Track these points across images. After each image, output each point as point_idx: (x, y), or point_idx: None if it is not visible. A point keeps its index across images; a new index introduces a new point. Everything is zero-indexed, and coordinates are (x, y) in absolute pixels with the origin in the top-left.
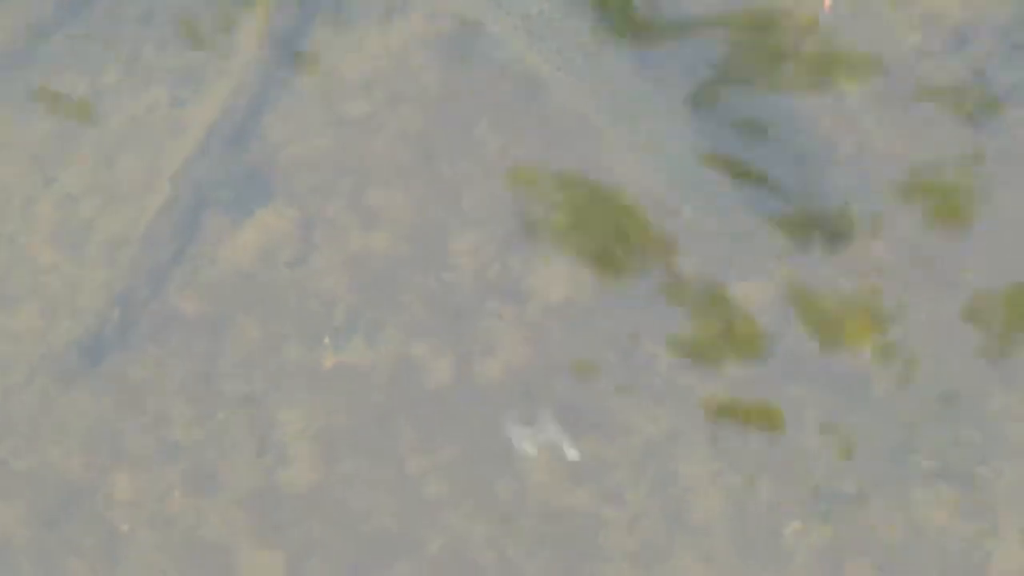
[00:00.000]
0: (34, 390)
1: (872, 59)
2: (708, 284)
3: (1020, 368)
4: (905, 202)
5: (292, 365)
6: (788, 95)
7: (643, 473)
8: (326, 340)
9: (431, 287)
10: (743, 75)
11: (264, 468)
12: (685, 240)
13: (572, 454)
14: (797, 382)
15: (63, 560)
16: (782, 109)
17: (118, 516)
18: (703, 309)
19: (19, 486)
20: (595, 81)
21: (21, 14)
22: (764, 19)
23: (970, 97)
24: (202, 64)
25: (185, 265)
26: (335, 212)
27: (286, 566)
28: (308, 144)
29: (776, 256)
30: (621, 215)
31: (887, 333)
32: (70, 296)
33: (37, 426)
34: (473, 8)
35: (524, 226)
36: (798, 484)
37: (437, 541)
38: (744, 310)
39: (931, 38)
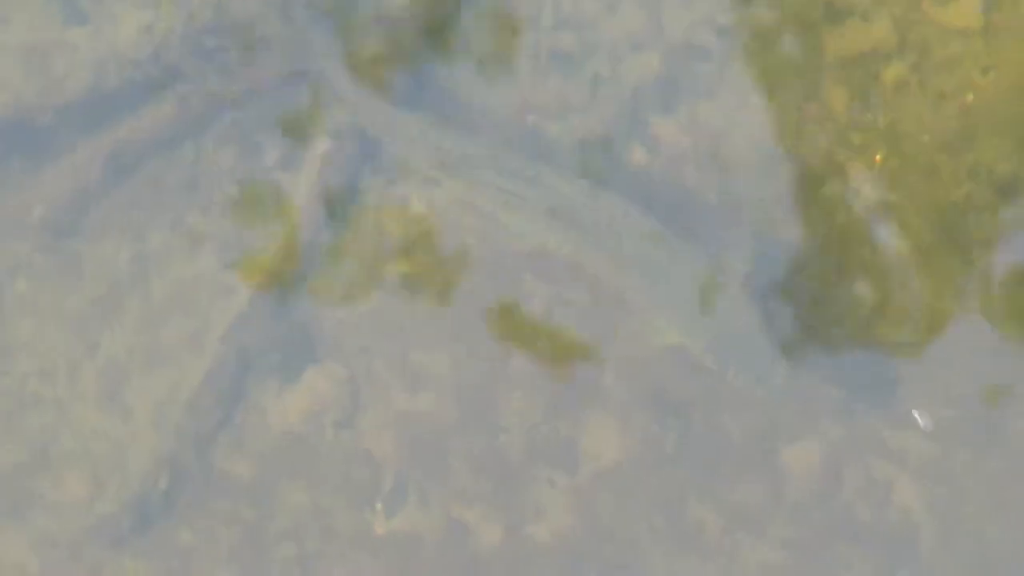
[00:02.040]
0: (83, 558)
1: (922, 210)
2: (756, 445)
3: None
4: (949, 356)
5: (342, 530)
6: (834, 247)
7: None
8: (378, 506)
9: (479, 450)
10: (791, 234)
11: None
12: (732, 401)
13: None
14: (846, 540)
15: None
16: (828, 261)
17: None
18: (751, 471)
19: None
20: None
21: (68, 181)
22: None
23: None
24: (248, 228)
25: (233, 428)
26: (382, 373)
27: None
28: (354, 304)
29: (824, 416)
30: (668, 376)
31: (934, 489)
32: (117, 461)
33: None
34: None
35: (572, 387)
36: None
37: None
38: (792, 472)
39: (980, 189)
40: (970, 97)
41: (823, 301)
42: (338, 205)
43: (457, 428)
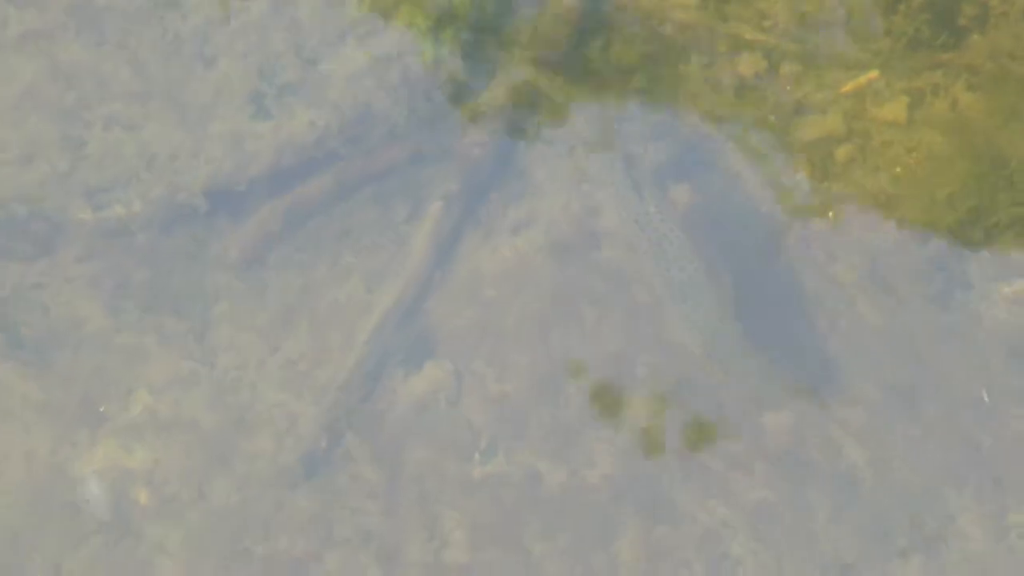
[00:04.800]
0: (269, 494)
1: (862, 254)
2: (741, 414)
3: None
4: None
5: (451, 475)
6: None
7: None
8: (476, 457)
9: (548, 419)
10: (771, 277)
11: (432, 549)
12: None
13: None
14: (809, 483)
15: None
16: (796, 297)
17: None
18: (740, 428)
19: (257, 569)
20: (667, 271)
21: (257, 230)
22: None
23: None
24: (385, 264)
25: (373, 404)
26: (479, 366)
27: None
28: (459, 318)
29: (787, 395)
30: (685, 368)
31: (871, 448)
32: (293, 427)
33: (272, 520)
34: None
35: (616, 375)
36: (814, 558)
37: None
38: (770, 431)
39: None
40: (897, 171)
41: (791, 324)
42: (448, 248)
43: (532, 405)
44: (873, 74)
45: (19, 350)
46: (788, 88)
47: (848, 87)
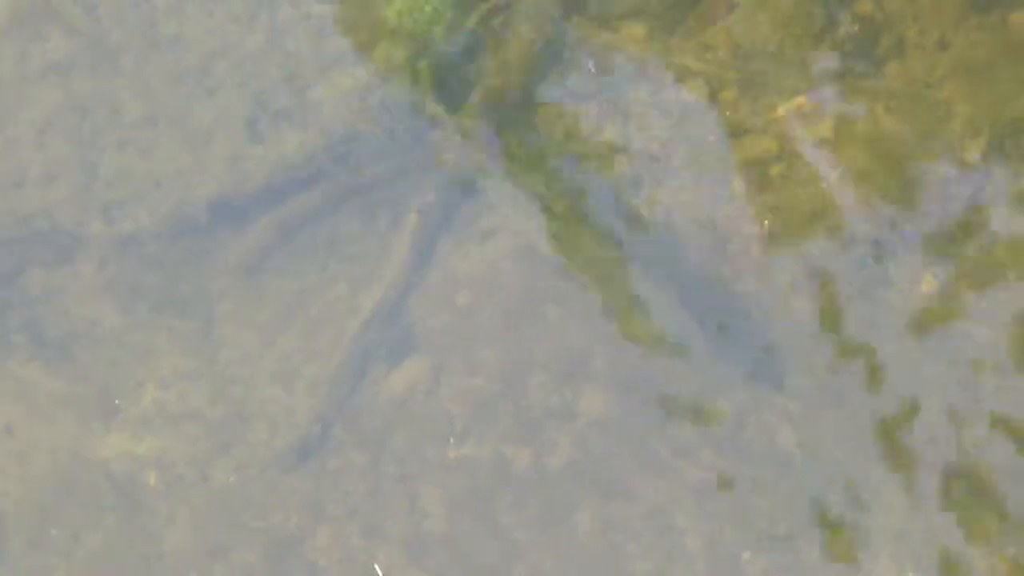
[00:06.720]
0: (265, 478)
1: (794, 257)
2: (691, 402)
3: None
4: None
5: (429, 456)
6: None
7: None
8: (451, 441)
9: (513, 409)
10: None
11: (413, 521)
12: (679, 374)
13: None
14: (746, 464)
15: None
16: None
17: (317, 556)
18: (688, 417)
19: (255, 541)
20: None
21: (254, 240)
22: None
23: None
24: (369, 270)
25: (359, 395)
26: (454, 361)
27: None
28: (435, 318)
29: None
30: (638, 361)
31: (803, 431)
32: (287, 416)
33: (269, 501)
34: None
35: (576, 369)
36: (750, 530)
37: (520, 568)
38: (718, 411)
39: (832, 243)
40: (824, 185)
41: (737, 312)
42: (425, 255)
43: (501, 397)
44: (802, 99)
45: (43, 349)
46: (727, 113)
47: (781, 111)
